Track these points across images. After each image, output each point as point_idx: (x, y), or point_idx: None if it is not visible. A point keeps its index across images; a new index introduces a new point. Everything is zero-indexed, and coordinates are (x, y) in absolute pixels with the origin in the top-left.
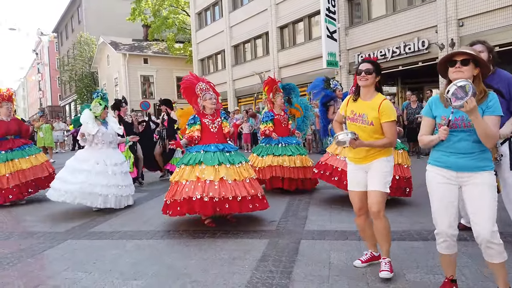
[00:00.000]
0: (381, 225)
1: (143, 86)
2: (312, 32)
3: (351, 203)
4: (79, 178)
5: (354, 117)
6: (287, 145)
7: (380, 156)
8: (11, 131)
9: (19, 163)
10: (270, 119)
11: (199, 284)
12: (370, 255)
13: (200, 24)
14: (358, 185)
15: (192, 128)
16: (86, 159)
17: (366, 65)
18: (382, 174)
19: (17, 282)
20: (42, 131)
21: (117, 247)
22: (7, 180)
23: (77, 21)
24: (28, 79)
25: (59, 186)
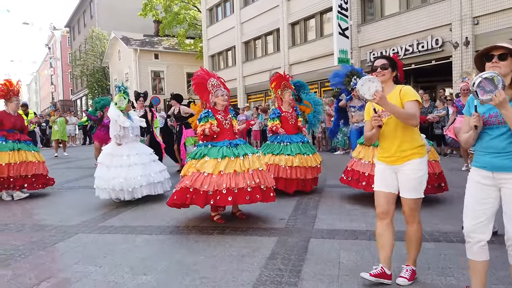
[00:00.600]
0: (414, 230)
1: (154, 81)
2: (323, 29)
3: (375, 205)
4: (117, 173)
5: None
6: (288, 144)
7: (414, 157)
8: (17, 126)
9: (26, 155)
10: (277, 116)
11: (208, 280)
12: (381, 271)
13: (211, 20)
14: (386, 186)
15: (211, 121)
16: (119, 153)
17: (381, 60)
18: (415, 179)
19: (28, 274)
20: (56, 124)
21: (127, 242)
22: (9, 169)
23: (89, 16)
24: (41, 73)
25: (104, 185)
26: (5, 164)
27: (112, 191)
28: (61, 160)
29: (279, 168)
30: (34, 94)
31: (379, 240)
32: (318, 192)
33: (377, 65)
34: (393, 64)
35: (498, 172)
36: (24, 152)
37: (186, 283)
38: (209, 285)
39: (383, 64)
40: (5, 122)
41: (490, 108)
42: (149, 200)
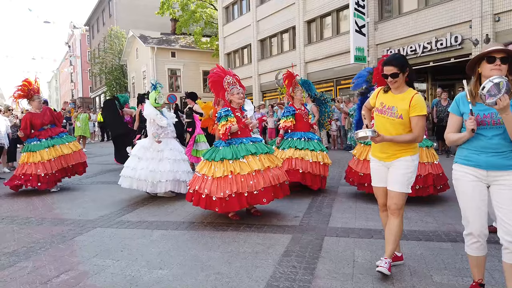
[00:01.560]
0: (395, 223)
1: (170, 79)
2: (340, 26)
3: (376, 197)
4: (147, 165)
5: (383, 109)
6: (309, 140)
7: (406, 154)
8: (47, 121)
9: (60, 149)
10: (292, 113)
11: (222, 276)
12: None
13: (227, 18)
14: (381, 181)
15: (231, 120)
16: (153, 147)
17: (390, 69)
18: (404, 175)
19: (48, 267)
20: (79, 121)
21: (144, 237)
22: (51, 165)
23: (108, 14)
24: (61, 71)
25: (130, 173)
26: (47, 161)
27: (136, 180)
28: None
29: (306, 163)
30: (54, 91)
31: (386, 229)
32: (332, 191)
33: (387, 74)
34: (403, 67)
35: (492, 171)
36: (58, 146)
37: (201, 278)
38: (223, 281)
39: (393, 73)
40: (34, 122)
41: (485, 109)
42: (165, 197)
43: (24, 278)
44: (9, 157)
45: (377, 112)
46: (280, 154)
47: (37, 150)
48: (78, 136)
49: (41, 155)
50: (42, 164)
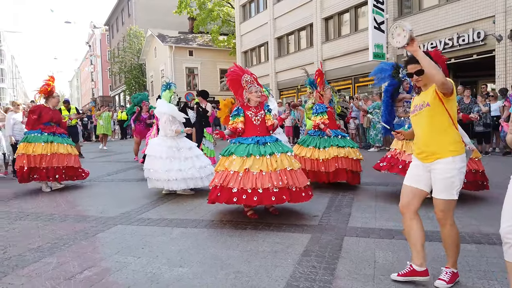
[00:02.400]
0: (447, 234)
1: (188, 77)
2: (358, 23)
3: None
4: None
5: (415, 110)
6: (343, 137)
7: (445, 155)
8: (54, 119)
9: (57, 147)
10: (324, 110)
11: (242, 275)
12: (409, 269)
13: (244, 16)
14: (415, 181)
15: (236, 120)
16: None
17: (413, 67)
18: (445, 180)
19: (72, 263)
20: (102, 119)
21: (164, 234)
22: (40, 160)
23: (127, 14)
24: (82, 70)
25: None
26: (38, 155)
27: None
28: (101, 153)
29: (350, 161)
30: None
31: (406, 235)
32: (352, 190)
33: (411, 72)
34: None
35: None
36: (56, 144)
37: (221, 277)
38: (243, 280)
39: (417, 71)
40: (43, 114)
41: None
42: (184, 195)
43: (49, 273)
44: None
45: (411, 115)
46: (322, 153)
47: (34, 141)
48: (100, 135)
49: (34, 148)
50: (32, 157)
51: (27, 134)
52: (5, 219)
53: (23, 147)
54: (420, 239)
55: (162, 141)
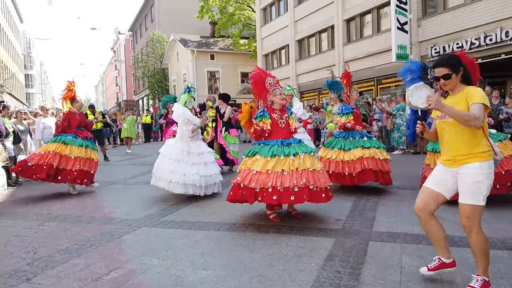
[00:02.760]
0: (473, 241)
1: (209, 81)
2: (380, 24)
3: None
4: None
5: (442, 115)
6: (369, 138)
7: (472, 160)
8: (82, 123)
9: (91, 153)
10: (351, 111)
11: (265, 278)
12: (439, 262)
13: (265, 19)
14: (434, 182)
15: (264, 121)
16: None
17: (440, 70)
18: (472, 184)
19: (99, 264)
20: (126, 123)
21: (187, 237)
22: (74, 163)
23: (150, 20)
24: (107, 75)
25: (159, 174)
26: (74, 157)
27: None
28: (126, 156)
29: (376, 161)
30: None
31: (429, 237)
32: (376, 194)
33: (438, 76)
34: (456, 67)
35: None
36: (89, 150)
37: (244, 280)
38: (266, 284)
39: (444, 75)
40: (72, 121)
41: None
42: (206, 197)
43: (77, 274)
44: None
45: (438, 119)
46: (347, 155)
47: (70, 144)
48: (125, 138)
49: (71, 150)
50: (68, 159)
51: (62, 136)
52: (34, 221)
53: (58, 147)
54: (442, 235)
55: (176, 143)
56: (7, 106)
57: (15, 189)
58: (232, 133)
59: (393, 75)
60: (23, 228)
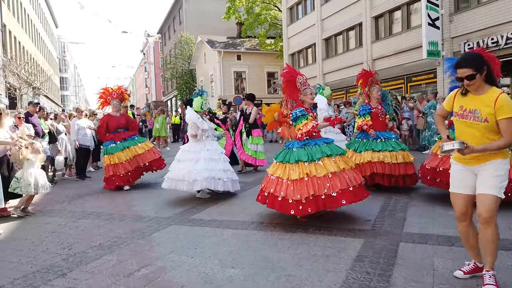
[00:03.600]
0: (489, 233)
1: (236, 81)
2: (410, 20)
3: (453, 206)
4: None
5: (464, 114)
6: (387, 140)
7: (494, 158)
8: (121, 125)
9: (135, 149)
10: (368, 112)
11: (294, 278)
12: (474, 266)
13: (291, 18)
14: (464, 187)
15: (310, 118)
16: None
17: (464, 71)
18: (496, 177)
19: (130, 260)
20: (158, 122)
21: (215, 235)
22: (129, 164)
23: (178, 22)
24: (137, 77)
25: (168, 174)
26: (125, 161)
27: (173, 180)
28: None
29: (385, 166)
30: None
31: (464, 242)
32: (406, 193)
33: (462, 77)
34: (479, 66)
35: None
36: (133, 147)
37: (272, 280)
38: (294, 283)
39: (468, 76)
40: (110, 124)
41: None
42: (233, 197)
43: (109, 270)
44: (93, 157)
45: (457, 117)
46: (358, 157)
47: (114, 152)
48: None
49: (118, 156)
50: (121, 165)
51: (105, 146)
52: (69, 218)
53: (108, 159)
54: (477, 241)
55: (188, 146)
56: (43, 107)
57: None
58: (254, 133)
59: (423, 72)
60: (59, 225)
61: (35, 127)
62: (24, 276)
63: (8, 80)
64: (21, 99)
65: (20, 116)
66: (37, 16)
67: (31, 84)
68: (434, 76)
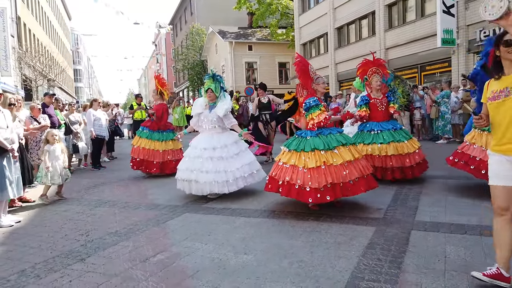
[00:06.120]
0: None
1: (247, 72)
2: (424, 8)
3: (492, 199)
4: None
5: (495, 95)
6: (380, 132)
7: None
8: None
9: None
10: (365, 103)
11: (306, 264)
12: (496, 271)
13: (303, 8)
14: (503, 177)
15: (323, 109)
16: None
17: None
18: None
19: (146, 247)
20: (177, 113)
21: (228, 223)
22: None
23: (189, 13)
24: (149, 68)
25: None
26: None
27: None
28: None
29: (373, 158)
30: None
31: (495, 238)
32: (419, 183)
33: None
34: None
35: None
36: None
37: (285, 265)
38: (306, 269)
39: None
40: (166, 113)
41: None
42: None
43: (126, 256)
44: (108, 148)
45: (490, 101)
46: None
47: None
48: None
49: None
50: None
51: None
52: (87, 206)
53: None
54: (510, 243)
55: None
56: (58, 99)
57: None
58: None
59: (438, 61)
60: (77, 212)
61: (51, 117)
62: (44, 261)
63: (24, 72)
64: (37, 90)
65: (38, 108)
66: (51, 9)
67: (46, 76)
68: (449, 65)
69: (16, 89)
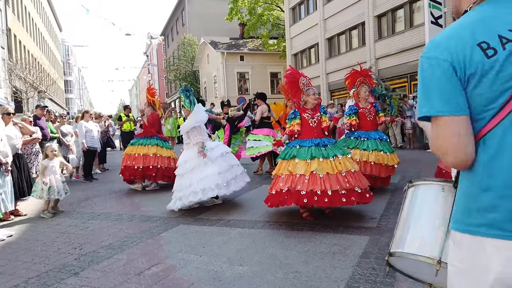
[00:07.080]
0: None
1: (239, 82)
2: (413, 19)
3: None
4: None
5: None
6: (365, 140)
7: None
8: None
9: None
10: (354, 112)
11: (301, 275)
12: None
13: (294, 18)
14: None
15: (292, 123)
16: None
17: None
18: None
19: (140, 259)
20: (169, 123)
21: (223, 234)
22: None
23: (181, 23)
24: (140, 79)
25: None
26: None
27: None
28: None
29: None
30: (135, 98)
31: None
32: None
33: None
34: None
35: None
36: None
37: (280, 276)
38: (302, 280)
39: None
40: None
41: None
42: (239, 196)
43: (121, 269)
44: (100, 160)
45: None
46: None
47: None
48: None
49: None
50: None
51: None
52: (79, 219)
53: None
54: None
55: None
56: (50, 110)
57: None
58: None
59: None
60: (69, 225)
61: (42, 130)
62: (37, 275)
63: (14, 84)
64: (27, 102)
65: (30, 120)
66: (42, 20)
67: (37, 88)
68: None
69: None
